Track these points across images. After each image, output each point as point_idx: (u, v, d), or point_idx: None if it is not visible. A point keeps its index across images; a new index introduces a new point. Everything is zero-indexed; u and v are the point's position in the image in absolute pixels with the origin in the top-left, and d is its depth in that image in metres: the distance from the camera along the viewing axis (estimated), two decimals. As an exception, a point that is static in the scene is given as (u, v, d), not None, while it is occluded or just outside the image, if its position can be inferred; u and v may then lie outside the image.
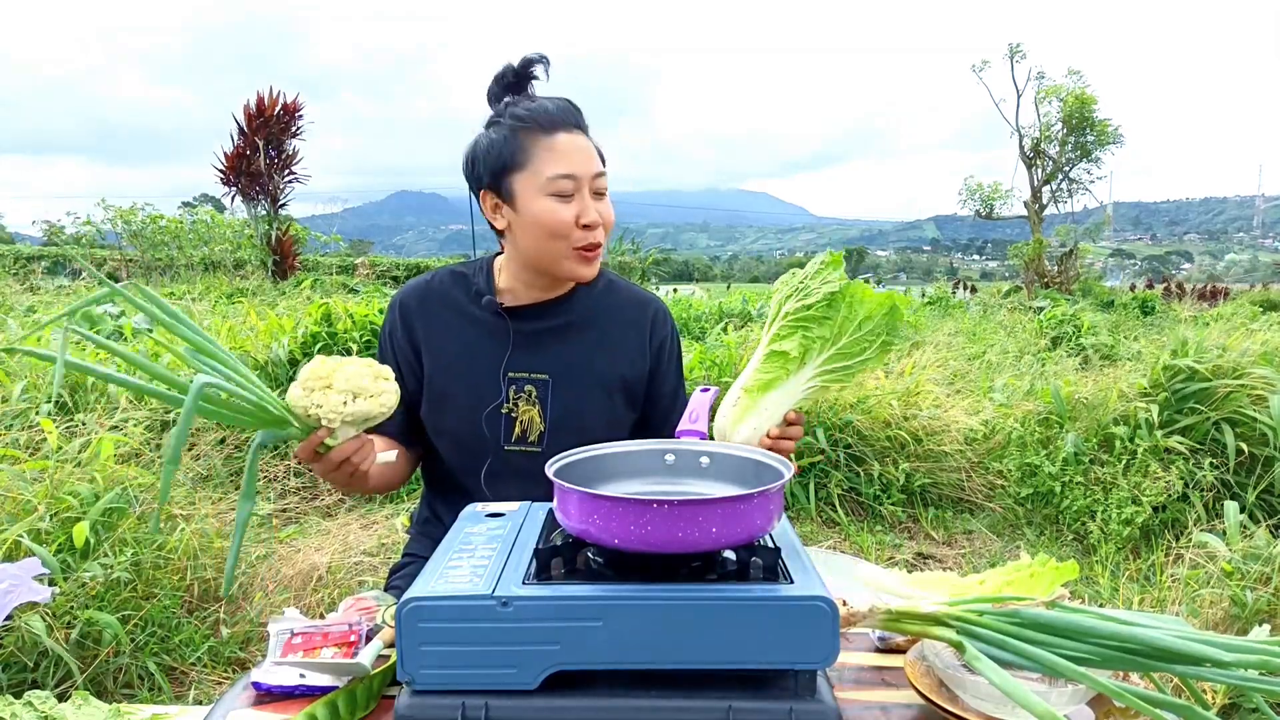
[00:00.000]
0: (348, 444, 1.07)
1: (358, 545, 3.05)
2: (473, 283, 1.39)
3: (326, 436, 1.05)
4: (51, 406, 3.21)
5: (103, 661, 2.08)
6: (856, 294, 1.16)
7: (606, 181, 1.30)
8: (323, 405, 1.03)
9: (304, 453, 1.06)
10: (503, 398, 1.33)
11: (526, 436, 1.34)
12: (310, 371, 1.04)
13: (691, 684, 0.77)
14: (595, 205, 1.27)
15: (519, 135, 1.25)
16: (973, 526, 3.74)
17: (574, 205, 1.25)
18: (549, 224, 1.25)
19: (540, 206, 1.25)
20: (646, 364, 1.42)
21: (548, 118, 1.26)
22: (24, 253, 18.94)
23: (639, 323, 1.43)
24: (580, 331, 1.38)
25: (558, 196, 1.25)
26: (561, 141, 1.25)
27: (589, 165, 1.26)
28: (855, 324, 1.15)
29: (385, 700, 0.88)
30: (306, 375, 1.04)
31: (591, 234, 1.27)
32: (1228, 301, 16.22)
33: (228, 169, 13.13)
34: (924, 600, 0.88)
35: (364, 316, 4.46)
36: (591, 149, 1.29)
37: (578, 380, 1.35)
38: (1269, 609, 2.26)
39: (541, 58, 1.31)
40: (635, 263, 13.25)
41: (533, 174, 1.25)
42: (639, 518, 0.77)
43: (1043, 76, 20.69)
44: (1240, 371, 3.66)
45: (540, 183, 1.24)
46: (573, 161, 1.25)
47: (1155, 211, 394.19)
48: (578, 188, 1.25)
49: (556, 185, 1.24)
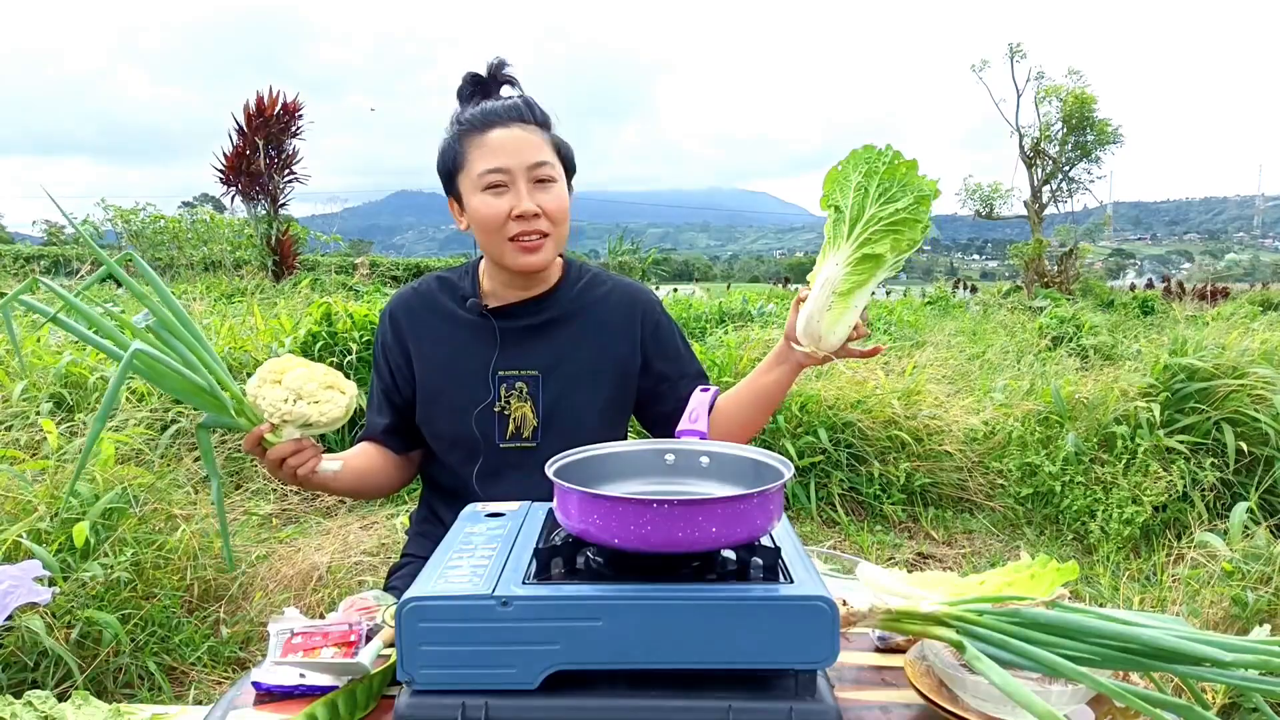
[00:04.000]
0: (285, 445, 1.10)
1: (358, 545, 3.05)
2: (458, 287, 1.41)
3: (268, 432, 1.08)
4: (45, 401, 3.22)
5: (103, 661, 2.08)
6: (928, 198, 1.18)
7: (552, 170, 1.31)
8: (265, 399, 1.06)
9: (246, 444, 1.11)
10: (494, 396, 1.35)
11: (520, 433, 1.35)
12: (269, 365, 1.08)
13: (691, 684, 0.77)
14: (535, 195, 1.28)
15: (460, 139, 1.31)
16: (973, 526, 3.74)
17: (508, 198, 1.28)
18: (484, 218, 1.29)
19: (477, 202, 1.29)
20: (637, 353, 1.42)
21: (483, 116, 1.29)
22: (24, 252, 18.95)
23: (627, 311, 1.43)
24: (566, 326, 1.39)
25: (491, 190, 1.28)
26: (493, 137, 1.28)
27: (521, 156, 1.28)
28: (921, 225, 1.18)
29: (385, 700, 0.88)
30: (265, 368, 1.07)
31: (527, 223, 1.28)
32: (1228, 301, 16.21)
33: (228, 169, 13.12)
34: (924, 600, 0.88)
35: (364, 316, 4.46)
36: (530, 140, 1.30)
37: (567, 373, 1.36)
38: (1269, 609, 2.26)
39: (502, 63, 1.35)
40: (635, 263, 13.25)
41: (469, 173, 1.30)
42: (639, 518, 0.77)
43: (1042, 76, 20.70)
44: (1240, 371, 3.66)
45: (474, 180, 1.28)
46: (501, 155, 1.27)
47: (1155, 211, 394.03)
48: (511, 180, 1.28)
49: (487, 179, 1.27)
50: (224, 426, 1.11)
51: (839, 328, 1.21)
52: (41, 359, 3.73)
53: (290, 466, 1.12)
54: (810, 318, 1.22)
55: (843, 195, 1.20)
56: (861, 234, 1.18)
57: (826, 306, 1.20)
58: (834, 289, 1.20)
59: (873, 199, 1.17)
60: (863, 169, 1.19)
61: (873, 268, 1.18)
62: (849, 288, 1.19)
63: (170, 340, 1.05)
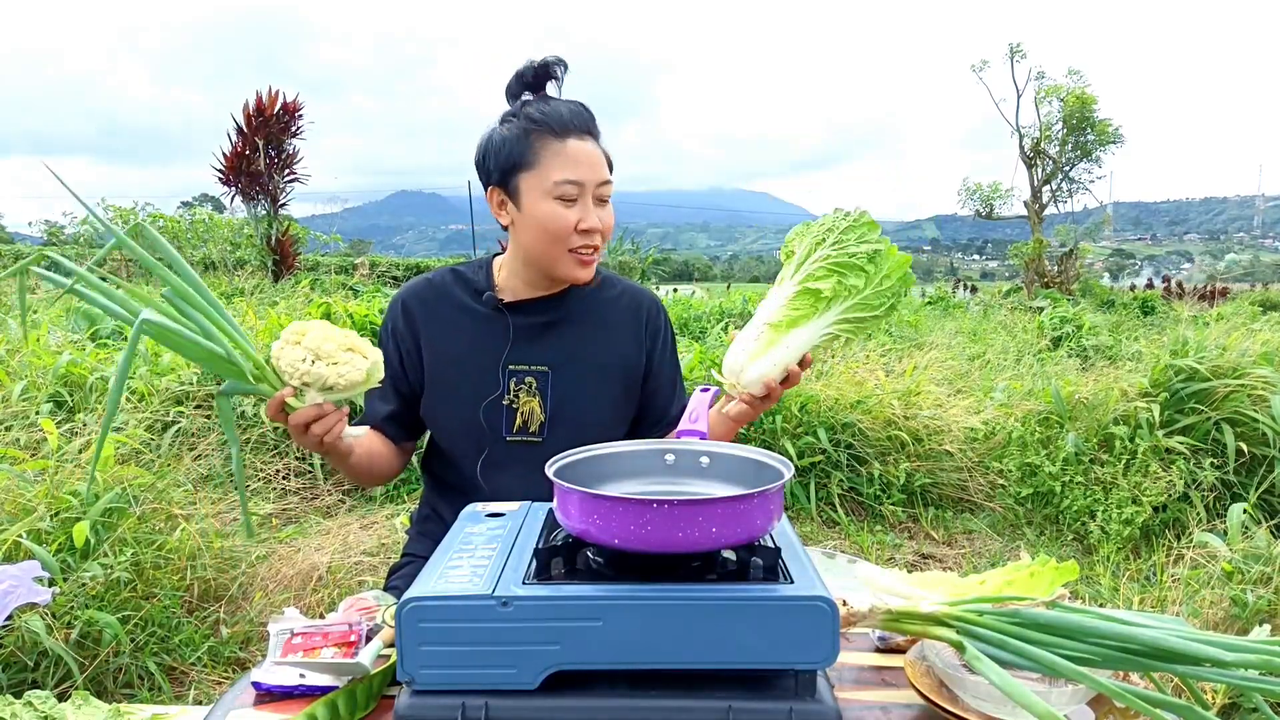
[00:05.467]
0: (307, 410, 1.08)
1: (358, 545, 3.05)
2: (473, 280, 1.42)
3: (290, 396, 1.07)
4: (45, 401, 3.21)
5: (103, 661, 2.08)
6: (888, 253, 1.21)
7: (611, 189, 1.33)
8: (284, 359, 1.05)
9: (269, 409, 1.10)
10: (503, 390, 1.36)
11: (527, 427, 1.37)
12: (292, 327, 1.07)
13: (691, 684, 0.77)
14: (597, 211, 1.30)
15: (531, 136, 1.28)
16: (973, 526, 3.74)
17: (576, 210, 1.28)
18: (551, 227, 1.28)
19: (544, 208, 1.28)
20: (642, 354, 1.45)
21: (560, 122, 1.29)
22: (24, 252, 18.95)
23: (634, 314, 1.46)
24: (578, 325, 1.41)
25: (562, 200, 1.28)
26: (571, 147, 1.28)
27: (595, 173, 1.29)
28: (878, 280, 1.19)
29: (385, 700, 0.88)
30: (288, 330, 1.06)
31: (590, 239, 1.30)
32: (1228, 301, 16.20)
33: (227, 169, 13.11)
34: (924, 600, 0.88)
35: (364, 316, 4.46)
36: (600, 156, 1.31)
37: (576, 370, 1.38)
38: (1269, 609, 2.26)
39: (560, 61, 1.34)
40: (635, 262, 13.25)
41: (540, 176, 1.28)
42: (639, 518, 0.77)
43: (1043, 76, 20.69)
44: (1240, 371, 3.66)
45: (547, 185, 1.27)
46: (580, 168, 1.28)
47: (1155, 211, 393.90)
48: (581, 194, 1.28)
49: (562, 190, 1.27)
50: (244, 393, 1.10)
51: (761, 361, 1.17)
52: (41, 359, 3.73)
53: (315, 433, 1.10)
54: (735, 351, 1.20)
55: (799, 242, 1.23)
56: (806, 271, 1.19)
57: (754, 336, 1.18)
58: (766, 319, 1.18)
59: (827, 244, 1.20)
60: (826, 225, 1.23)
61: (812, 305, 1.17)
62: (782, 320, 1.17)
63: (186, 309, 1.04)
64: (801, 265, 1.20)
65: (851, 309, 1.19)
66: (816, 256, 1.20)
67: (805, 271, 1.19)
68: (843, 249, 1.19)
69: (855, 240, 1.19)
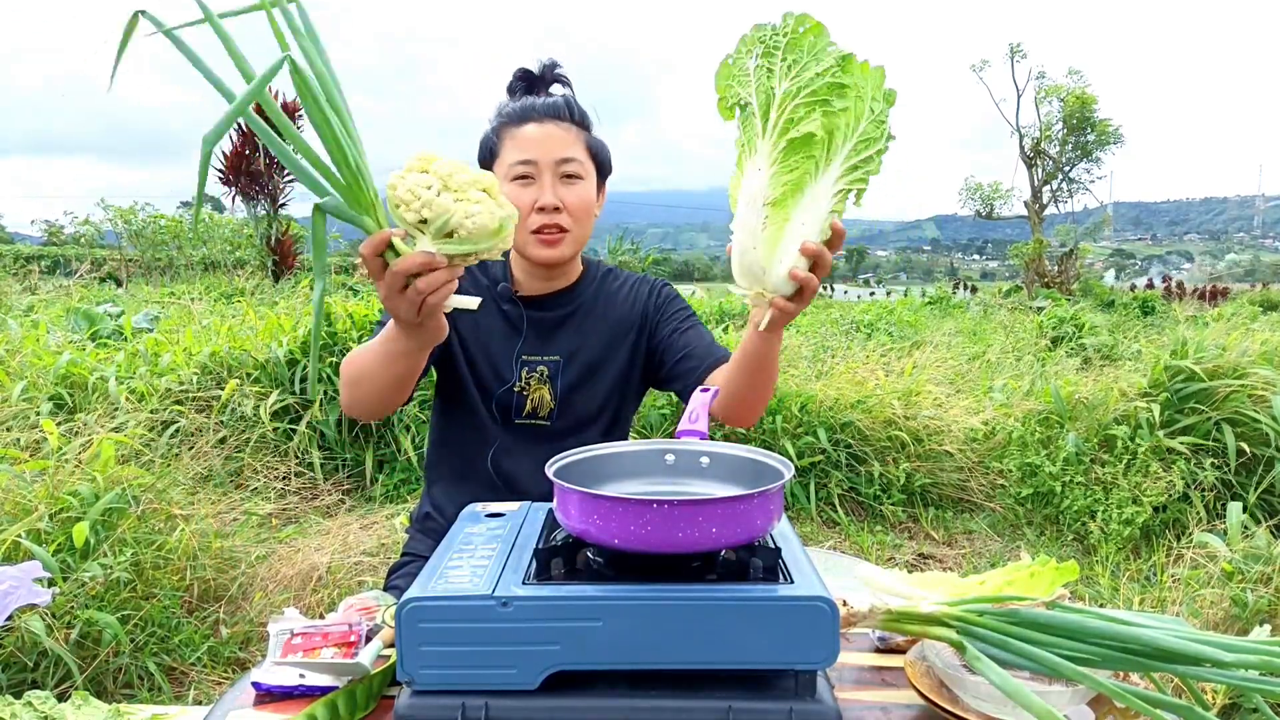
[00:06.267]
0: (415, 256, 0.89)
1: (358, 545, 3.05)
2: (491, 270, 1.46)
3: (399, 237, 0.89)
4: (45, 401, 3.21)
5: (103, 661, 2.08)
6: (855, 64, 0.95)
7: (578, 167, 1.34)
8: (404, 185, 0.87)
9: (366, 247, 0.91)
10: (515, 378, 1.40)
11: (537, 412, 1.41)
12: (417, 153, 0.90)
13: (691, 684, 0.77)
14: (559, 189, 1.33)
15: (498, 130, 1.36)
16: (973, 526, 3.74)
17: (533, 190, 1.32)
18: None
19: (506, 192, 1.31)
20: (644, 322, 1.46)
21: (521, 110, 1.34)
22: (23, 252, 18.94)
23: (638, 294, 1.49)
24: (586, 317, 1.45)
25: (519, 181, 1.32)
26: (526, 130, 1.33)
27: (550, 151, 1.32)
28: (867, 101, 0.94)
29: (385, 700, 0.88)
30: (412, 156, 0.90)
31: (548, 217, 1.32)
32: (1228, 301, 16.21)
33: (227, 169, 13.11)
34: (924, 600, 0.88)
35: (364, 316, 4.46)
36: (561, 136, 1.33)
37: (585, 360, 1.42)
38: (1269, 609, 2.26)
39: (553, 63, 1.40)
40: (635, 263, 13.27)
41: (501, 163, 1.34)
42: (639, 518, 0.77)
43: (1043, 76, 20.72)
44: (1240, 371, 3.66)
45: (505, 170, 1.33)
46: (531, 148, 1.32)
47: (1155, 211, 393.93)
48: (537, 173, 1.32)
49: (516, 170, 1.32)
50: (345, 218, 0.89)
51: (780, 253, 0.95)
52: (41, 359, 3.73)
53: (419, 290, 0.91)
54: (743, 250, 0.97)
55: (743, 86, 0.96)
56: (779, 117, 0.93)
57: (758, 225, 0.95)
58: (762, 200, 0.94)
59: (779, 76, 0.93)
60: (758, 50, 0.96)
61: (807, 155, 0.92)
62: (781, 193, 0.93)
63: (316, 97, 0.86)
64: (768, 114, 0.94)
65: (855, 150, 0.95)
66: (781, 94, 0.93)
67: (779, 120, 0.93)
68: (804, 72, 0.92)
69: (810, 56, 0.93)
